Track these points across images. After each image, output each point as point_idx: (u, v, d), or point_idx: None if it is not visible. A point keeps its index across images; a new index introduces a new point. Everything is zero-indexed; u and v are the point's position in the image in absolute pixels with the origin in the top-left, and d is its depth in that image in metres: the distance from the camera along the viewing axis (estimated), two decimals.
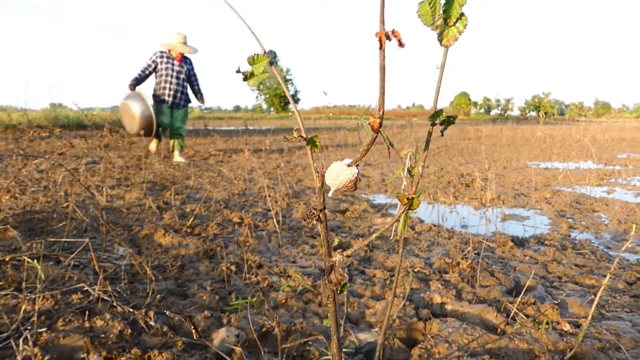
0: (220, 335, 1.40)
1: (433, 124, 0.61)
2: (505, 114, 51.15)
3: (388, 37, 0.47)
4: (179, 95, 6.06)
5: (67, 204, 2.87)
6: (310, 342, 1.42)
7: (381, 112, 0.53)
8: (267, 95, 45.28)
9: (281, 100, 44.33)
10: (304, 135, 0.64)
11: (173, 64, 5.95)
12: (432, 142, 10.07)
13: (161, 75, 5.92)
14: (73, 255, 1.75)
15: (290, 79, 45.22)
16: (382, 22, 0.47)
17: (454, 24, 0.52)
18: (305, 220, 0.62)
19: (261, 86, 45.27)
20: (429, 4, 0.52)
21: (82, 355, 1.23)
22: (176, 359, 1.26)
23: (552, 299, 1.77)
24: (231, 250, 2.25)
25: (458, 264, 2.09)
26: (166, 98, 5.94)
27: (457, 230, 2.89)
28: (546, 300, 1.75)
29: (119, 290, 1.62)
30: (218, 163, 5.94)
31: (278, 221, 2.79)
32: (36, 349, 1.20)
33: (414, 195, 0.62)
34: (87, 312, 1.43)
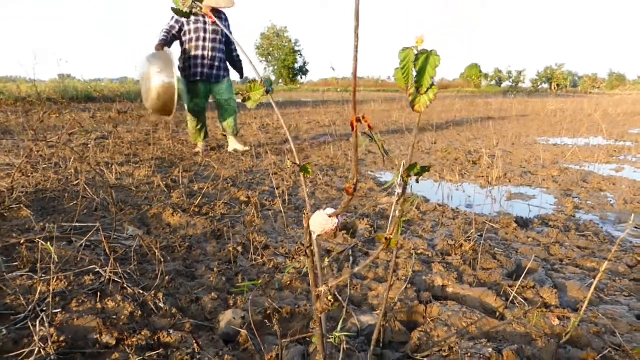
0: (226, 318, 1.45)
1: (408, 177, 0.67)
2: (517, 86, 50.36)
3: (359, 120, 0.53)
4: (217, 63, 4.54)
5: (77, 182, 2.92)
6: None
7: (355, 180, 0.57)
8: (276, 67, 44.85)
9: (290, 72, 43.96)
10: (298, 163, 0.68)
11: (205, 23, 4.41)
12: (439, 116, 9.99)
13: (190, 40, 4.40)
14: (86, 239, 1.80)
15: (299, 50, 44.71)
16: (355, 109, 0.52)
17: (425, 93, 0.56)
18: (293, 254, 0.70)
19: (269, 57, 44.82)
20: (403, 73, 0.54)
21: (95, 336, 1.28)
22: (184, 341, 1.31)
23: (552, 283, 1.81)
24: (238, 230, 2.30)
25: (461, 246, 2.12)
26: (200, 70, 4.45)
27: (462, 210, 2.92)
28: (546, 283, 1.78)
29: (129, 271, 1.67)
30: (225, 138, 5.96)
31: (284, 200, 2.83)
32: (52, 330, 1.26)
33: (391, 236, 0.67)
34: (99, 294, 1.49)
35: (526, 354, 1.31)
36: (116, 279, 1.58)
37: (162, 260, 1.80)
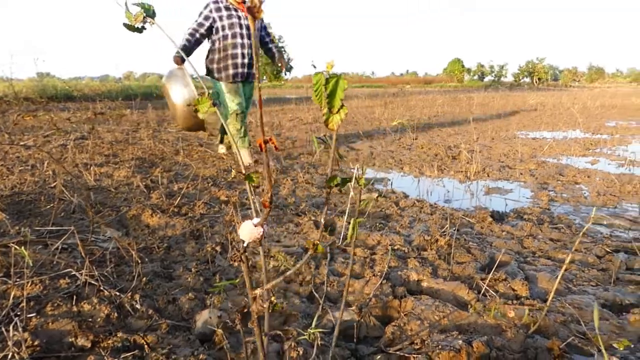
0: (203, 317, 1.47)
1: (329, 187, 0.72)
2: (499, 81, 50.88)
3: (266, 142, 0.58)
4: (252, 62, 4.00)
5: (54, 184, 2.90)
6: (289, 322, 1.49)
7: (270, 194, 0.65)
8: (260, 64, 44.59)
9: (273, 69, 43.77)
10: (243, 172, 0.71)
11: (239, 17, 3.90)
12: (422, 111, 10.08)
13: (226, 37, 3.88)
14: (61, 242, 1.80)
15: (283, 47, 44.51)
16: (262, 131, 0.59)
17: (337, 112, 0.61)
18: (231, 261, 0.74)
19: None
20: (316, 95, 0.58)
21: (70, 339, 1.29)
22: (160, 341, 1.33)
23: (524, 275, 1.85)
24: (217, 230, 2.31)
25: (437, 241, 2.16)
26: (241, 71, 3.96)
27: (440, 205, 2.96)
28: (518, 276, 1.83)
29: (106, 274, 1.67)
30: (208, 137, 5.94)
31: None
32: (26, 334, 1.26)
33: (318, 242, 0.72)
34: (74, 297, 1.49)
35: (495, 345, 1.35)
36: (92, 282, 1.58)
37: (140, 261, 1.80)
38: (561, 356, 1.31)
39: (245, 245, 0.75)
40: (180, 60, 3.79)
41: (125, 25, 0.55)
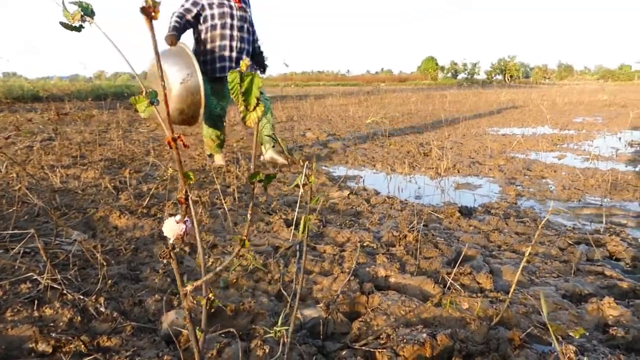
0: (169, 318, 1.46)
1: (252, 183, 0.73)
2: (472, 78, 51.63)
3: (175, 140, 0.59)
4: (241, 56, 3.75)
5: (19, 186, 2.83)
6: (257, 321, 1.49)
7: (185, 190, 0.69)
8: None
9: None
10: (180, 170, 0.71)
11: (231, 7, 3.60)
12: (396, 109, 10.16)
13: (214, 27, 3.57)
14: (20, 245, 1.76)
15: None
16: (172, 129, 0.60)
17: (254, 110, 0.62)
18: (160, 257, 0.75)
19: None
20: (233, 93, 0.59)
21: (30, 345, 1.26)
22: (125, 344, 1.31)
23: (489, 268, 1.89)
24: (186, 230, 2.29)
25: (405, 236, 2.19)
26: (228, 64, 3.66)
27: (410, 201, 3.00)
28: (483, 269, 1.87)
29: (70, 277, 1.65)
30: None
31: (235, 198, 2.83)
32: None
33: (244, 237, 0.73)
34: (36, 302, 1.46)
35: (459, 337, 1.38)
36: (55, 286, 1.55)
37: (106, 264, 1.78)
38: (521, 346, 1.35)
39: (170, 241, 0.76)
40: (174, 39, 3.40)
41: (62, 24, 0.54)
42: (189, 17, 3.53)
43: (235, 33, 3.63)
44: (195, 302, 1.57)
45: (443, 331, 1.37)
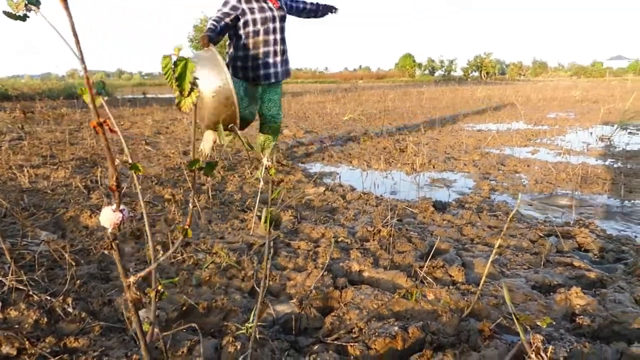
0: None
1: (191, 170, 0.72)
2: (449, 75, 52.17)
3: (101, 125, 0.59)
4: (285, 58, 3.65)
5: None
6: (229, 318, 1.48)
7: (114, 178, 0.69)
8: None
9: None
10: (130, 161, 0.70)
11: (271, 9, 3.42)
12: (373, 106, 10.21)
13: (257, 33, 3.39)
14: None
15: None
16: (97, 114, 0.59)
17: (189, 95, 0.62)
18: (103, 248, 0.75)
19: None
20: (167, 78, 0.59)
21: None
22: (93, 344, 1.29)
23: (461, 261, 1.92)
24: (159, 229, 2.26)
25: (379, 231, 2.20)
26: (273, 71, 3.53)
27: (385, 197, 3.01)
28: (455, 262, 1.89)
29: (36, 278, 1.61)
30: (155, 135, 5.79)
31: (209, 196, 2.80)
32: None
33: (187, 226, 0.72)
34: (0, 304, 1.42)
35: (431, 329, 1.39)
36: (20, 287, 1.51)
37: (75, 264, 1.74)
38: (491, 337, 1.37)
39: (109, 231, 0.75)
40: (207, 41, 3.19)
41: (5, 13, 0.53)
42: (227, 20, 3.35)
43: (277, 37, 3.50)
44: (157, 299, 1.55)
45: (415, 324, 1.38)
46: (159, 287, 0.79)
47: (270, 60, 3.49)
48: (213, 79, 3.00)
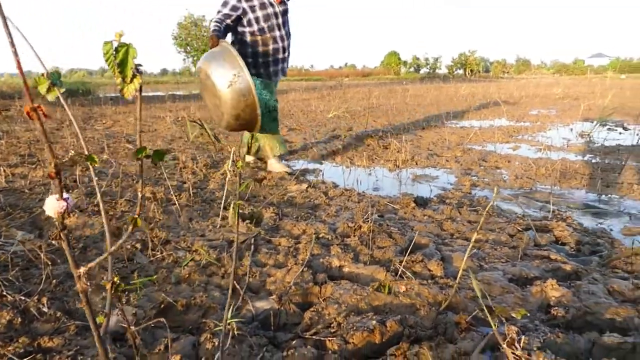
0: (116, 316, 1.42)
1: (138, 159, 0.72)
2: (434, 72, 52.48)
3: (35, 110, 0.58)
4: (288, 56, 3.65)
5: None
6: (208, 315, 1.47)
7: (53, 165, 0.67)
8: (195, 58, 43.49)
9: None
10: (85, 153, 0.70)
11: (273, 5, 3.37)
12: (358, 103, 10.23)
13: (262, 31, 3.35)
14: None
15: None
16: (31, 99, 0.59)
17: (131, 81, 0.62)
18: (50, 239, 0.74)
19: (188, 48, 43.38)
20: (108, 64, 0.59)
21: None
22: (68, 343, 1.27)
23: (440, 255, 1.93)
24: (139, 227, 2.24)
25: (360, 227, 2.21)
26: (280, 67, 3.57)
27: (367, 193, 3.03)
28: (434, 256, 1.90)
29: (11, 278, 1.58)
30: (137, 133, 5.73)
31: (191, 194, 2.78)
32: None
33: (137, 216, 0.72)
34: None
35: (409, 323, 1.40)
36: None
37: (50, 263, 1.72)
38: (468, 329, 1.38)
39: (56, 221, 0.74)
40: (216, 39, 3.14)
41: None
42: (228, 21, 3.30)
43: (282, 33, 3.45)
44: (137, 296, 1.54)
45: (393, 317, 1.39)
46: (115, 279, 0.78)
47: (279, 56, 3.48)
48: (227, 70, 2.91)
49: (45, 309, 1.42)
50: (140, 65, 0.60)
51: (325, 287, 1.63)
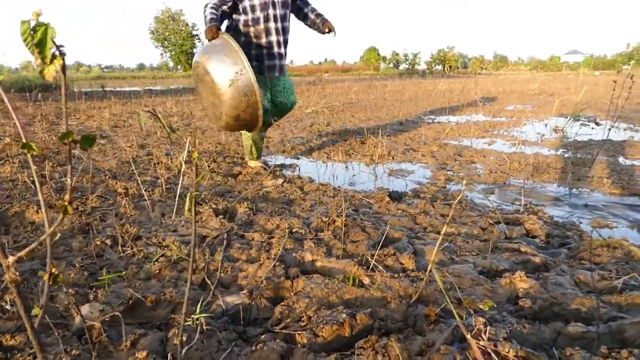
0: (82, 312, 1.39)
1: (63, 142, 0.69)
2: (413, 68, 52.80)
3: None
4: (285, 51, 3.41)
5: None
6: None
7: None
8: (173, 52, 42.88)
9: (188, 57, 42.21)
10: (25, 141, 0.68)
11: None
12: (337, 98, 10.23)
13: (256, 21, 3.14)
14: None
15: (197, 34, 43.09)
16: None
17: (51, 63, 0.61)
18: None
19: (165, 42, 42.70)
20: (26, 45, 0.58)
21: None
22: (30, 341, 1.24)
23: (413, 249, 1.95)
24: (110, 223, 2.20)
25: (334, 221, 2.21)
26: (277, 62, 3.33)
27: (343, 188, 3.03)
28: (407, 250, 1.92)
29: None
30: (111, 129, 5.64)
31: (164, 190, 2.75)
32: None
33: (67, 203, 0.70)
34: None
35: (379, 316, 1.41)
36: None
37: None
38: (437, 321, 1.40)
39: None
40: (215, 30, 2.90)
41: None
42: (224, 8, 3.09)
43: (279, 25, 3.21)
44: (111, 293, 1.51)
45: (363, 311, 1.40)
46: (53, 270, 0.77)
47: (275, 50, 3.26)
48: (229, 67, 2.73)
49: (8, 307, 1.39)
50: (62, 46, 0.59)
51: (297, 282, 1.63)
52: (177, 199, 2.41)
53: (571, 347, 1.25)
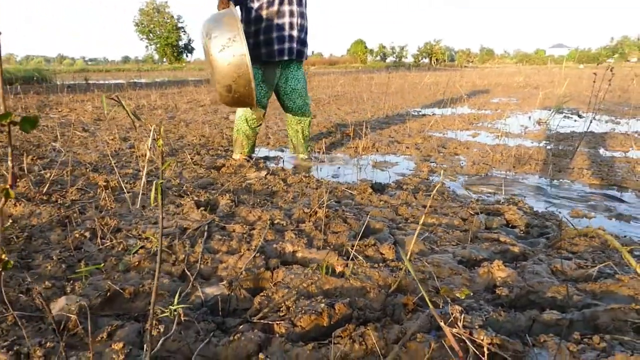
0: (59, 305, 1.38)
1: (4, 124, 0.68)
2: (400, 61, 52.88)
3: None
4: (304, 37, 3.27)
5: None
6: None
7: None
8: (159, 45, 42.37)
9: (174, 50, 41.76)
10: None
11: None
12: (323, 91, 10.21)
13: (271, 4, 3.02)
14: None
15: (182, 27, 42.60)
16: None
17: None
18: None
19: (150, 35, 42.19)
20: None
21: None
22: (5, 334, 1.23)
23: (393, 239, 1.96)
24: (89, 216, 2.18)
25: (315, 213, 2.21)
26: (288, 46, 3.13)
27: (326, 180, 3.03)
28: (387, 241, 1.93)
29: None
30: (94, 122, 5.57)
31: (146, 181, 2.72)
32: None
33: (8, 186, 0.68)
34: None
35: (358, 305, 1.42)
36: None
37: None
38: (414, 310, 1.41)
39: None
40: (227, 1, 2.82)
41: None
42: None
43: (294, 8, 3.05)
44: (88, 285, 1.50)
45: (342, 300, 1.40)
46: (3, 256, 0.75)
47: (286, 33, 3.07)
48: (223, 33, 2.60)
49: None
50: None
51: (277, 272, 1.63)
52: (153, 190, 2.39)
53: (545, 334, 1.27)
